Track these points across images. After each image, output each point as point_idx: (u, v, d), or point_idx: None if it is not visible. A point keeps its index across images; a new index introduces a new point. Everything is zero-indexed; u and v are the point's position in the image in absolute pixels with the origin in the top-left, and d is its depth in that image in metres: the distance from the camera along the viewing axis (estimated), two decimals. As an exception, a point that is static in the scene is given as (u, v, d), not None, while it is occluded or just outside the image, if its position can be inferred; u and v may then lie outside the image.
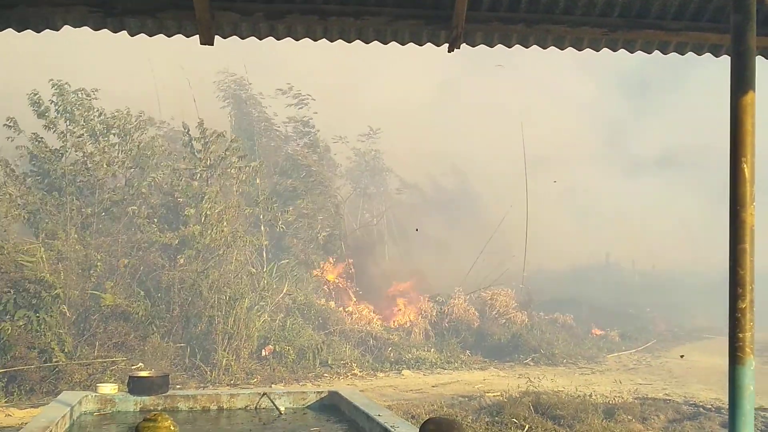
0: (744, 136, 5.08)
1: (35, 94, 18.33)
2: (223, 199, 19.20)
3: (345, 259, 24.66)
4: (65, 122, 18.63)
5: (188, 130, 19.24)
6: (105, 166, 18.43)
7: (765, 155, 5.23)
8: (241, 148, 20.29)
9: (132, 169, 19.34)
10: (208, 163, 19.14)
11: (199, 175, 19.12)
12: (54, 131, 18.62)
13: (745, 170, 5.03)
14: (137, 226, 18.89)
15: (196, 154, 19.27)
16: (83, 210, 18.44)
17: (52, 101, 18.44)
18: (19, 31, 5.86)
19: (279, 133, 26.43)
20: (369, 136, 29.63)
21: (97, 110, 18.87)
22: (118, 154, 18.96)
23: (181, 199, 18.60)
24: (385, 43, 6.19)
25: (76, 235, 17.86)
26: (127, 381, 10.77)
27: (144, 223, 18.80)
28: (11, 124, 18.39)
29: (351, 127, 28.80)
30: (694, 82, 34.90)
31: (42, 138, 18.66)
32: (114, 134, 19.07)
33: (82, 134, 18.57)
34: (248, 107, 25.64)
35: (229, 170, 19.52)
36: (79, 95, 18.59)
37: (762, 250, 5.21)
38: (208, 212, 18.38)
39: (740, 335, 4.96)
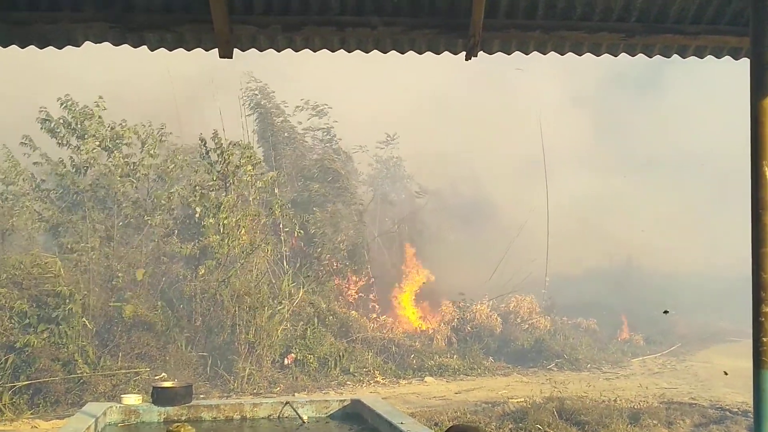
0: (764, 139, 5.06)
1: (41, 111, 18.44)
2: (240, 208, 19.20)
3: (366, 266, 24.65)
4: (77, 139, 18.70)
5: (204, 143, 19.20)
6: (120, 178, 18.44)
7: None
8: (255, 156, 20.26)
9: (155, 181, 19.48)
10: (224, 172, 19.10)
11: (216, 185, 19.07)
12: (68, 147, 18.79)
13: (767, 173, 5.00)
14: (159, 237, 19.03)
15: (213, 165, 19.21)
16: (105, 222, 18.59)
17: (62, 121, 18.53)
18: (41, 48, 5.96)
19: (302, 142, 26.48)
20: (387, 143, 29.60)
21: (109, 125, 18.88)
22: (137, 166, 19.04)
23: (198, 210, 18.60)
24: (402, 52, 6.22)
25: (98, 247, 17.99)
26: (150, 392, 10.83)
27: (164, 234, 18.91)
28: (27, 141, 18.60)
29: (369, 134, 28.80)
30: (709, 84, 34.59)
31: (46, 155, 18.82)
32: (127, 145, 19.10)
33: (96, 147, 18.60)
34: (272, 117, 25.68)
35: (244, 179, 19.51)
36: (87, 111, 18.61)
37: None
38: (225, 222, 18.39)
39: (764, 339, 4.93)
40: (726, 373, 19.15)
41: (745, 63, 5.69)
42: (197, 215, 18.61)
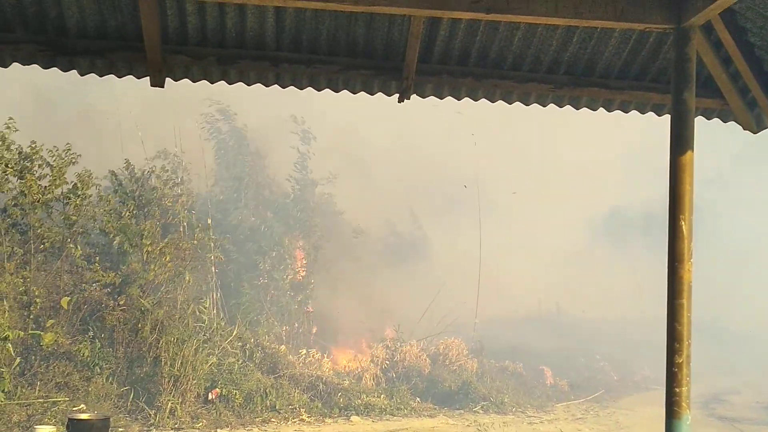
0: (683, 194, 5.24)
1: None
2: (162, 237, 18.79)
3: (300, 302, 24.53)
4: None
5: (116, 176, 18.79)
6: (32, 202, 17.42)
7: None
8: (171, 180, 19.94)
9: (71, 206, 18.42)
10: (144, 200, 18.72)
11: (132, 212, 18.50)
12: None
13: (683, 227, 5.17)
14: (79, 265, 18.42)
15: (128, 194, 18.78)
16: (23, 247, 17.61)
17: None
18: (-35, 67, 5.84)
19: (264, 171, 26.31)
20: (329, 180, 29.54)
21: (17, 148, 17.46)
22: (48, 190, 17.82)
23: (118, 238, 18.08)
24: (336, 91, 6.30)
25: (14, 273, 17.14)
26: (66, 423, 10.50)
27: (84, 262, 18.29)
28: None
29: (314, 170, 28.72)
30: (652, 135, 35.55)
31: None
32: (39, 167, 17.82)
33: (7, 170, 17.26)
34: (231, 140, 25.37)
35: (166, 204, 19.16)
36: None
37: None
38: (149, 249, 17.95)
39: (677, 390, 5.06)
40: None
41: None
42: (116, 243, 18.08)
